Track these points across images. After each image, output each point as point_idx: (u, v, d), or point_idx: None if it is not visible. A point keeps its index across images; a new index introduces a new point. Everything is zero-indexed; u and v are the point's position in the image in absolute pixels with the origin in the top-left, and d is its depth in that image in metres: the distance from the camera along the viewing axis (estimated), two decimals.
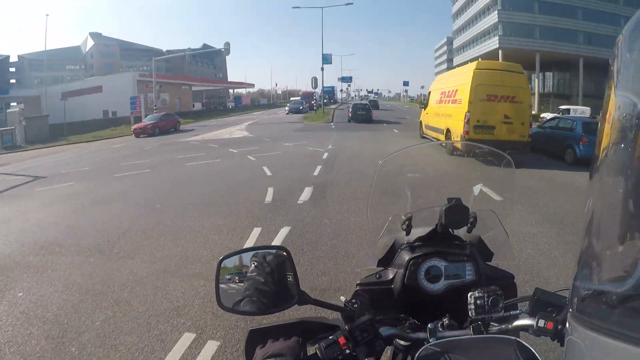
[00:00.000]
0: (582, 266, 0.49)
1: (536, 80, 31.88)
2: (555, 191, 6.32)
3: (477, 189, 1.14)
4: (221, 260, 0.82)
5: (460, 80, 9.69)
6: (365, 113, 22.36)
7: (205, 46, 75.05)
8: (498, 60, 29.55)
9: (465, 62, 37.25)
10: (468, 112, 8.79)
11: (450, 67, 74.09)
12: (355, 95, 79.01)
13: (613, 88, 0.46)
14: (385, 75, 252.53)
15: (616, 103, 0.45)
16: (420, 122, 13.80)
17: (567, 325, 0.51)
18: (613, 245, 0.46)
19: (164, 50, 67.85)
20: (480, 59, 13.06)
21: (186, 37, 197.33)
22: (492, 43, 35.17)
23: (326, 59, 33.72)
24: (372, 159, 7.83)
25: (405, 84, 75.81)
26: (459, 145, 7.98)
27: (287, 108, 34.79)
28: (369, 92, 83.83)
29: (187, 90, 44.57)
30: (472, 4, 41.15)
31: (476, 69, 9.02)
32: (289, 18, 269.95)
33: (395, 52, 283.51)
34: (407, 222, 1.01)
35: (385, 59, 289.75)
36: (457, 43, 48.49)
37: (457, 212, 0.94)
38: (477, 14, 39.52)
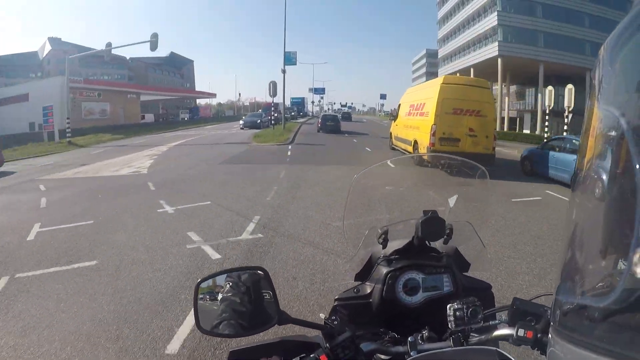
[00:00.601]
0: (564, 279, 0.53)
1: (539, 95, 30.16)
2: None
3: (452, 200, 1.21)
4: (199, 283, 0.87)
5: (427, 94, 10.76)
6: (334, 124, 26.41)
7: (172, 55, 77.74)
8: (497, 70, 31.46)
9: (454, 73, 35.74)
10: (434, 124, 9.77)
11: None
12: (329, 109, 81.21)
13: (595, 101, 0.50)
14: (360, 89, 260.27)
15: (598, 116, 0.49)
16: (390, 133, 15.29)
17: (549, 338, 0.55)
18: (595, 259, 0.50)
19: (127, 57, 69.12)
20: (472, 69, 16.38)
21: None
22: (490, 50, 33.26)
23: (289, 59, 28.91)
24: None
25: (383, 96, 78.16)
26: (425, 157, 9.44)
27: (241, 122, 32.26)
28: (342, 105, 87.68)
29: (133, 99, 42.49)
30: (462, 7, 39.92)
31: (443, 83, 10.20)
32: (262, 29, 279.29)
33: (372, 66, 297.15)
34: (383, 236, 1.09)
35: (360, 73, 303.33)
36: (443, 52, 47.33)
37: (433, 225, 1.03)
38: (469, 17, 38.16)
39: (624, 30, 0.49)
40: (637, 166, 0.44)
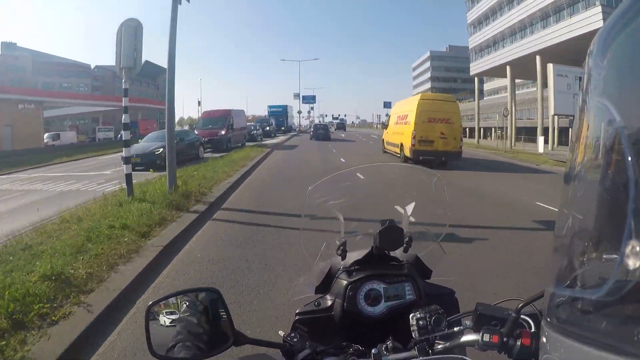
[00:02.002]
0: (556, 273, 0.57)
1: None
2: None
3: (410, 208, 1.28)
4: (150, 306, 0.90)
5: (409, 108, 15.56)
6: (324, 132, 34.50)
7: (146, 64, 73.56)
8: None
9: (502, 66, 31.67)
10: (414, 130, 14.47)
11: (438, 85, 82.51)
12: (320, 121, 77.09)
13: (587, 94, 0.55)
14: (354, 101, 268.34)
15: (590, 109, 0.54)
16: (383, 140, 20.74)
17: (541, 332, 0.59)
18: (587, 251, 0.53)
19: (92, 65, 68.63)
20: (538, 57, 20.49)
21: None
22: (590, 19, 22.57)
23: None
24: None
25: (387, 105, 65.89)
26: (388, 166, 13.61)
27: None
28: (334, 118, 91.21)
29: (32, 111, 30.99)
30: None
31: (420, 99, 15.15)
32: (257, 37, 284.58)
33: (365, 76, 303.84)
34: (341, 247, 1.15)
35: (354, 84, 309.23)
36: (480, 38, 37.18)
37: (391, 234, 1.08)
38: None
39: (615, 23, 0.51)
40: (629, 159, 0.45)
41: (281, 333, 0.99)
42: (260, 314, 3.30)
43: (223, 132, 21.01)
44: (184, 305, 0.91)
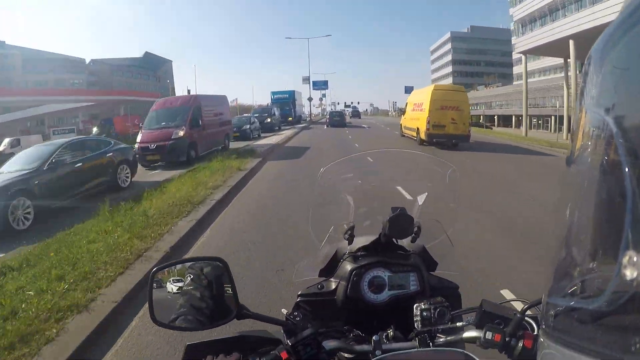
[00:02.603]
0: (555, 282, 0.59)
1: None
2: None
3: (421, 198, 1.32)
4: (154, 272, 0.94)
5: (424, 97, 18.72)
6: (340, 119, 38.57)
7: (147, 55, 73.45)
8: None
9: (561, 41, 24.63)
10: (429, 116, 17.50)
11: (460, 69, 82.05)
12: (333, 109, 74.64)
13: (584, 103, 0.57)
14: (367, 88, 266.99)
15: (587, 118, 0.56)
16: (400, 124, 24.59)
17: (539, 341, 0.61)
18: (585, 261, 0.54)
19: (88, 60, 68.49)
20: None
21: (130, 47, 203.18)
22: None
23: None
24: None
25: (408, 90, 56.77)
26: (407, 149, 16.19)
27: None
28: (347, 105, 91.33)
29: None
30: None
31: (434, 89, 18.37)
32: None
33: (381, 63, 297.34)
34: (349, 232, 1.19)
35: (367, 70, 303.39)
36: (527, 8, 32.82)
37: (401, 222, 1.11)
38: None
39: (613, 32, 0.53)
40: (626, 169, 0.46)
41: (284, 311, 1.02)
42: None
43: (181, 133, 13.61)
44: (189, 278, 0.94)
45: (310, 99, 52.32)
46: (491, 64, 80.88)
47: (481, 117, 55.89)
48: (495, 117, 54.61)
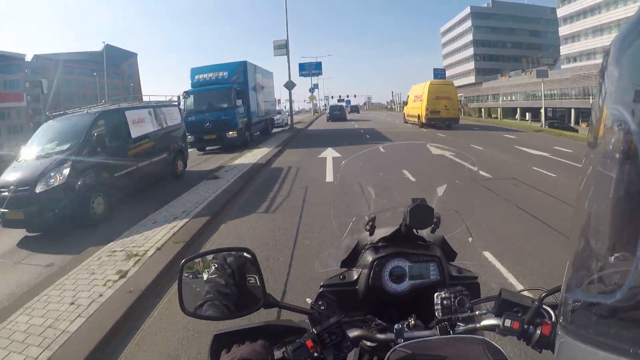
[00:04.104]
0: (573, 277, 0.63)
1: None
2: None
3: (441, 189, 1.43)
4: (184, 263, 1.04)
5: (422, 91, 28.91)
6: (340, 113, 42.36)
7: (108, 48, 68.76)
8: None
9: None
10: (427, 105, 27.75)
11: (483, 51, 70.27)
12: (326, 103, 72.96)
13: (603, 99, 0.60)
14: (363, 80, 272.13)
15: (606, 114, 0.59)
16: (404, 113, 36.27)
17: (557, 335, 0.66)
18: (603, 256, 0.58)
19: (28, 56, 59.63)
20: None
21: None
22: None
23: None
24: None
25: (440, 73, 53.46)
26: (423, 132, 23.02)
27: None
28: (340, 99, 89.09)
29: None
30: None
31: (430, 84, 28.16)
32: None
33: (379, 54, 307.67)
34: (370, 223, 1.31)
35: (364, 61, 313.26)
36: None
37: (421, 213, 1.20)
38: None
39: (632, 29, 0.56)
40: None
41: (308, 300, 1.09)
42: None
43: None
44: (213, 267, 1.02)
45: (290, 86, 29.83)
46: (519, 45, 72.27)
47: (542, 112, 37.28)
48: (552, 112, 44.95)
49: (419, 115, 27.63)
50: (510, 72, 62.56)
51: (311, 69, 41.99)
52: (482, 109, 59.77)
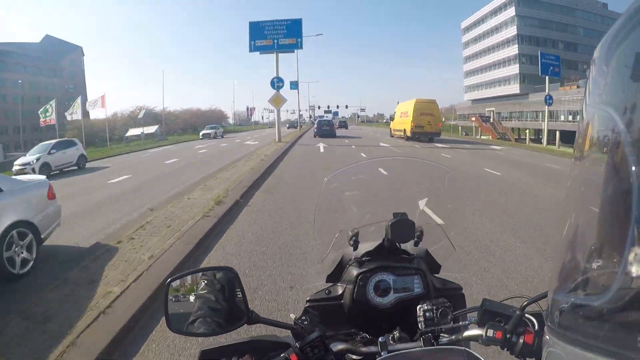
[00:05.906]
0: (560, 279, 0.64)
1: None
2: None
3: (422, 203, 1.47)
4: (169, 282, 1.04)
5: (408, 107, 34.23)
6: (329, 128, 37.06)
7: (48, 40, 59.87)
8: None
9: None
10: (412, 121, 32.99)
11: (529, 51, 47.60)
12: (312, 114, 68.57)
13: (590, 101, 0.62)
14: (356, 90, 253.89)
15: (593, 115, 0.60)
16: (390, 128, 40.25)
17: (545, 338, 0.66)
18: (590, 258, 0.58)
19: None
20: None
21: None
22: None
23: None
24: None
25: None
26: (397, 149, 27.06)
27: None
28: (326, 111, 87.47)
29: None
30: None
31: (416, 102, 32.72)
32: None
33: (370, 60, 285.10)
34: (354, 238, 1.33)
35: (356, 68, 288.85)
36: None
37: (403, 227, 1.25)
38: None
39: (619, 30, 0.57)
40: (633, 167, 0.49)
41: (292, 316, 1.11)
42: None
43: None
44: (202, 283, 1.04)
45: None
46: (572, 47, 54.85)
47: None
48: None
49: (404, 130, 31.51)
50: (579, 80, 44.55)
51: (280, 30, 26.84)
52: (528, 130, 38.99)
